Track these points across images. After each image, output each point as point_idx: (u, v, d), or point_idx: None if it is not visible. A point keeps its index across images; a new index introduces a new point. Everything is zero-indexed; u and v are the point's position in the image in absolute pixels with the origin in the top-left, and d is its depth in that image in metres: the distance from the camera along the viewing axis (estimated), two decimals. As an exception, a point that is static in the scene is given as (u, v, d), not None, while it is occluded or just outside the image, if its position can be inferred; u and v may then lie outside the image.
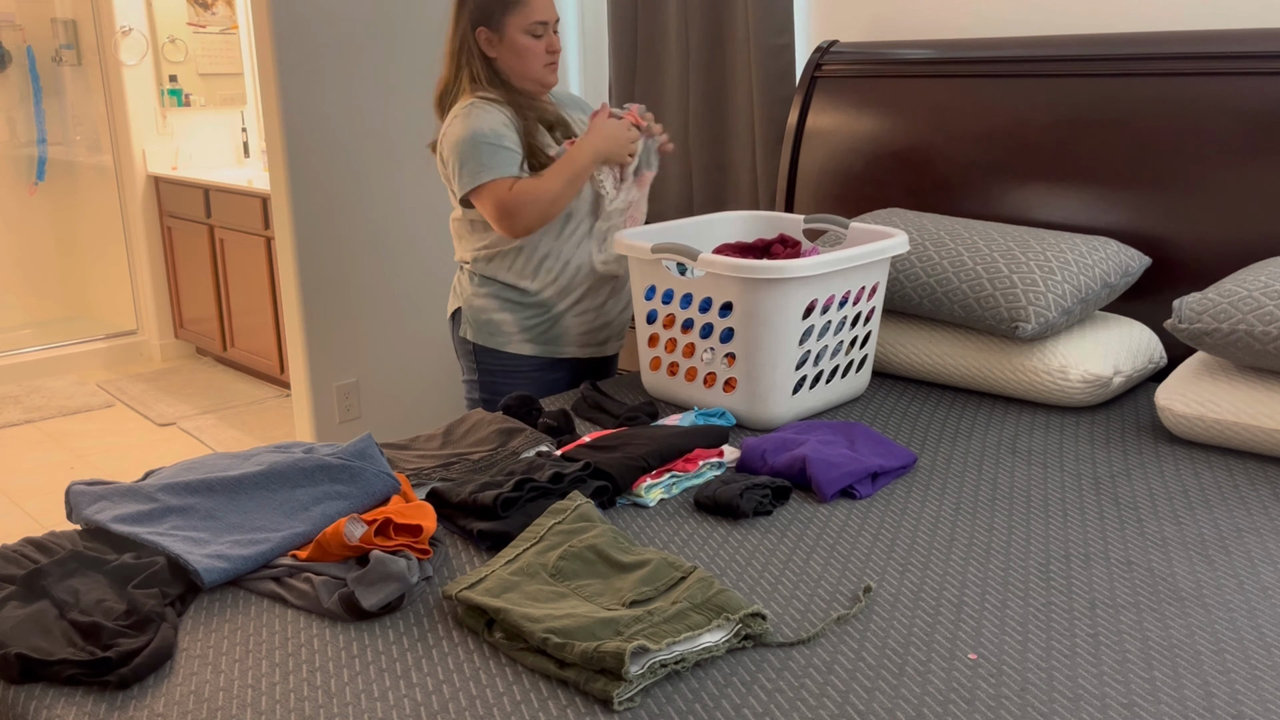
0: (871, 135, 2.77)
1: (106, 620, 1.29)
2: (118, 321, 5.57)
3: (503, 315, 2.36)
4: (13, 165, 5.48)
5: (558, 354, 2.40)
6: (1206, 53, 2.24)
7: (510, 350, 2.37)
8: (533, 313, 2.36)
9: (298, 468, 1.62)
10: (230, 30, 5.33)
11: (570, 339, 2.40)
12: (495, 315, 2.37)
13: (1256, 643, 1.28)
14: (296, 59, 3.19)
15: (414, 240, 3.54)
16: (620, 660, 1.16)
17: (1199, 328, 1.89)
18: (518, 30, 2.25)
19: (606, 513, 1.68)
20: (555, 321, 2.37)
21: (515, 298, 2.35)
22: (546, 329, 2.37)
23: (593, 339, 2.43)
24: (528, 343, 2.37)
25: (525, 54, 2.27)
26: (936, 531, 1.59)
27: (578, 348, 2.41)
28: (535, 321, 2.36)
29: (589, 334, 2.41)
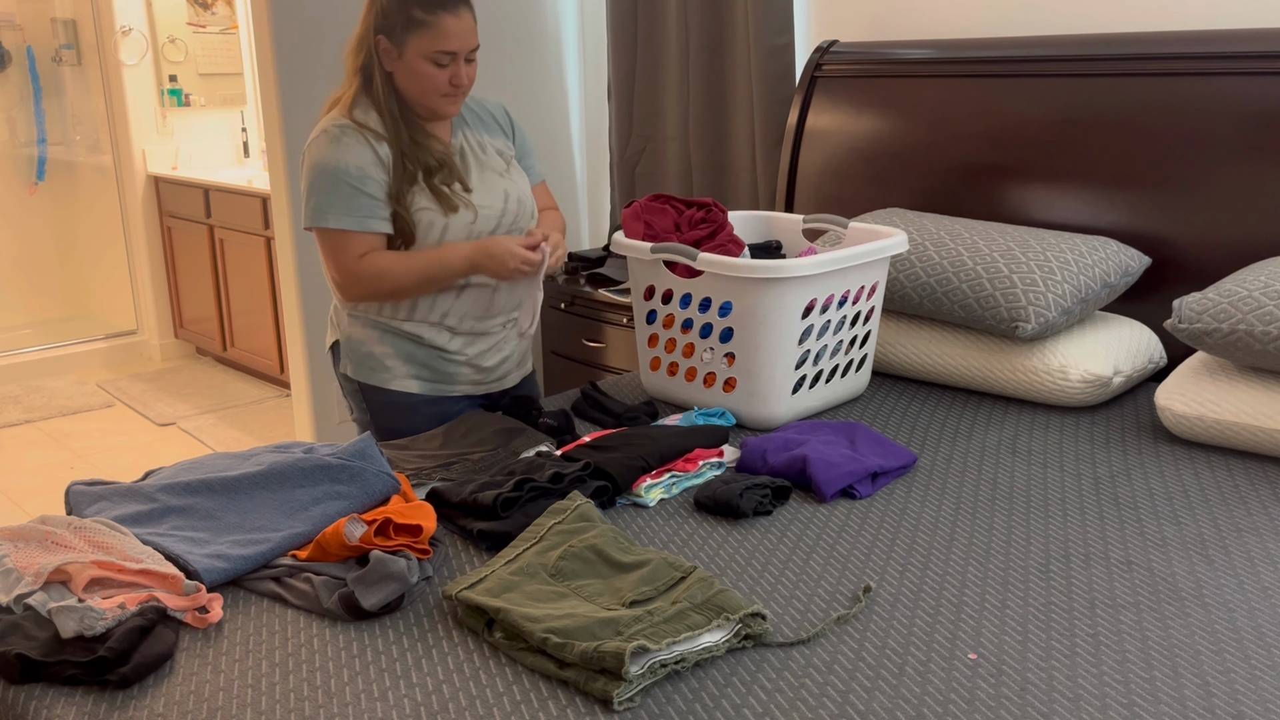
0: (871, 135, 2.77)
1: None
2: (118, 321, 5.56)
3: (383, 348, 2.08)
4: (13, 165, 5.48)
5: (448, 392, 2.12)
6: (1206, 53, 2.23)
7: (394, 387, 2.09)
8: (416, 347, 2.08)
9: (298, 468, 1.62)
10: (230, 30, 5.32)
11: (461, 377, 2.12)
12: (375, 348, 2.09)
13: (1256, 643, 1.28)
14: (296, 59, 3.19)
15: (414, 240, 3.54)
16: (620, 660, 1.16)
17: (1199, 328, 1.89)
18: (418, 54, 1.95)
19: (606, 513, 1.68)
20: (442, 359, 2.10)
21: (397, 331, 2.08)
22: (434, 365, 2.10)
23: (486, 376, 2.16)
24: (413, 378, 2.10)
25: (422, 81, 1.97)
26: (936, 531, 1.59)
27: (470, 385, 2.14)
28: (420, 354, 2.09)
29: (483, 372, 2.15)
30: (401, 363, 2.09)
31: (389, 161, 1.98)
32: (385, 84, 2.01)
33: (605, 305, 3.03)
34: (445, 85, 1.99)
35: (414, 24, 1.94)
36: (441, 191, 2.01)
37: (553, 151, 3.69)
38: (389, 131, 1.99)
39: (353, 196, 1.95)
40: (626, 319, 2.97)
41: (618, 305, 2.99)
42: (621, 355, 3.02)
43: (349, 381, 2.14)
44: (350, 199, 1.95)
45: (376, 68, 2.00)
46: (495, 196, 2.08)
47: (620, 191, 3.55)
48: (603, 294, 3.04)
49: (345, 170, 1.95)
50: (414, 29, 1.95)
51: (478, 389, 2.16)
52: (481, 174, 2.09)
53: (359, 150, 1.96)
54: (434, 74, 1.97)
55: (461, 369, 2.12)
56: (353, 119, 1.99)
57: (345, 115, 2.00)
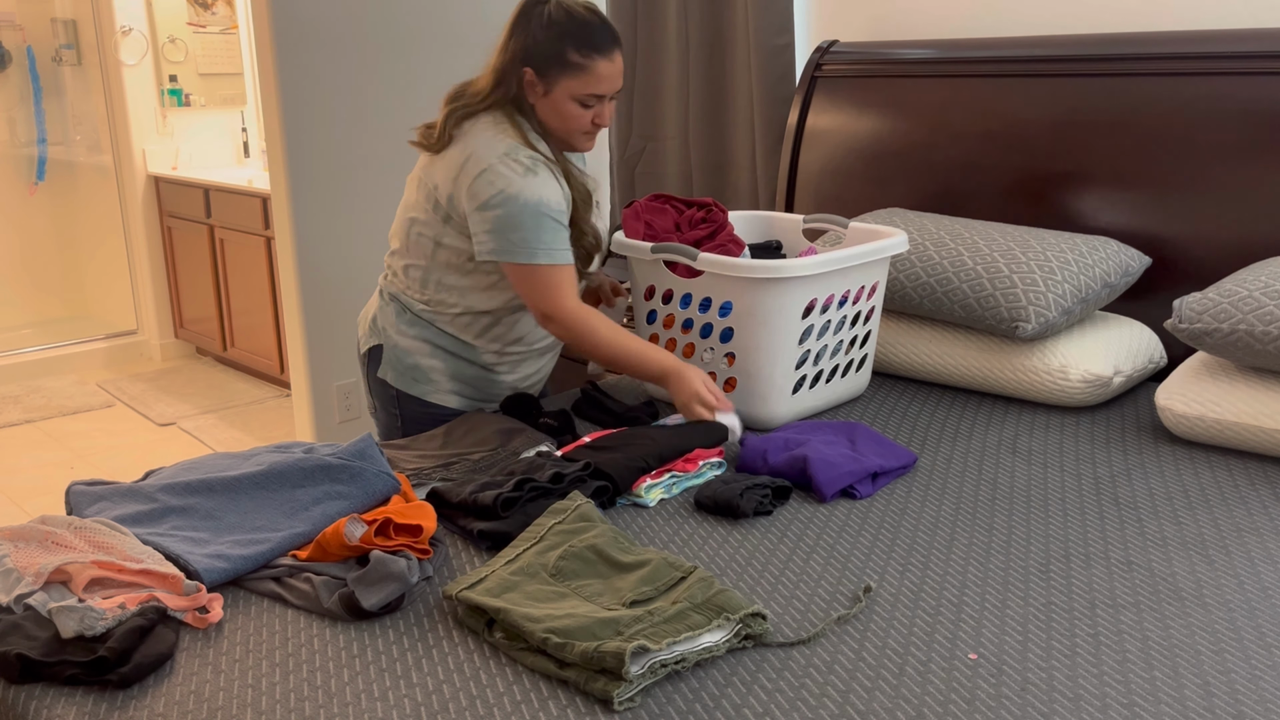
0: (871, 135, 2.77)
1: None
2: (118, 321, 5.56)
3: (432, 362, 2.08)
4: (13, 165, 5.48)
5: (483, 407, 2.14)
6: (1206, 53, 2.24)
7: (434, 400, 2.09)
8: (466, 366, 2.09)
9: (298, 468, 1.62)
10: (230, 30, 5.33)
11: (501, 394, 2.14)
12: (423, 361, 2.08)
13: (1256, 642, 1.28)
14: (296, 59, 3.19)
15: (414, 240, 3.54)
16: (620, 660, 1.16)
17: (1199, 328, 1.89)
18: (567, 95, 1.93)
19: (606, 513, 1.68)
20: (490, 378, 2.12)
21: (450, 346, 2.08)
22: (479, 384, 2.12)
23: (521, 386, 2.19)
24: (454, 394, 2.10)
25: (568, 120, 1.95)
26: (936, 531, 1.59)
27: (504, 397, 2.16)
28: (469, 374, 2.10)
29: (521, 389, 2.17)
30: (448, 379, 2.09)
31: (569, 195, 1.97)
32: (532, 113, 1.98)
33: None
34: (588, 124, 1.97)
35: (568, 66, 1.91)
36: (587, 226, 2.01)
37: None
38: (560, 164, 1.98)
39: (558, 232, 1.92)
40: (627, 319, 2.97)
41: (618, 305, 2.99)
42: (621, 355, 3.02)
43: (384, 387, 2.12)
44: (557, 234, 1.92)
45: (524, 98, 1.97)
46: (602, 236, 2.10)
47: (620, 191, 3.55)
48: (603, 294, 3.04)
49: (549, 204, 1.90)
50: (568, 71, 1.91)
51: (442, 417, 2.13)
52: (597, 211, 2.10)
53: (552, 185, 1.92)
54: (580, 115, 1.95)
55: (504, 389, 2.14)
56: (537, 150, 1.95)
57: (524, 143, 1.93)
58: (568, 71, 1.91)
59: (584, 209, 2.00)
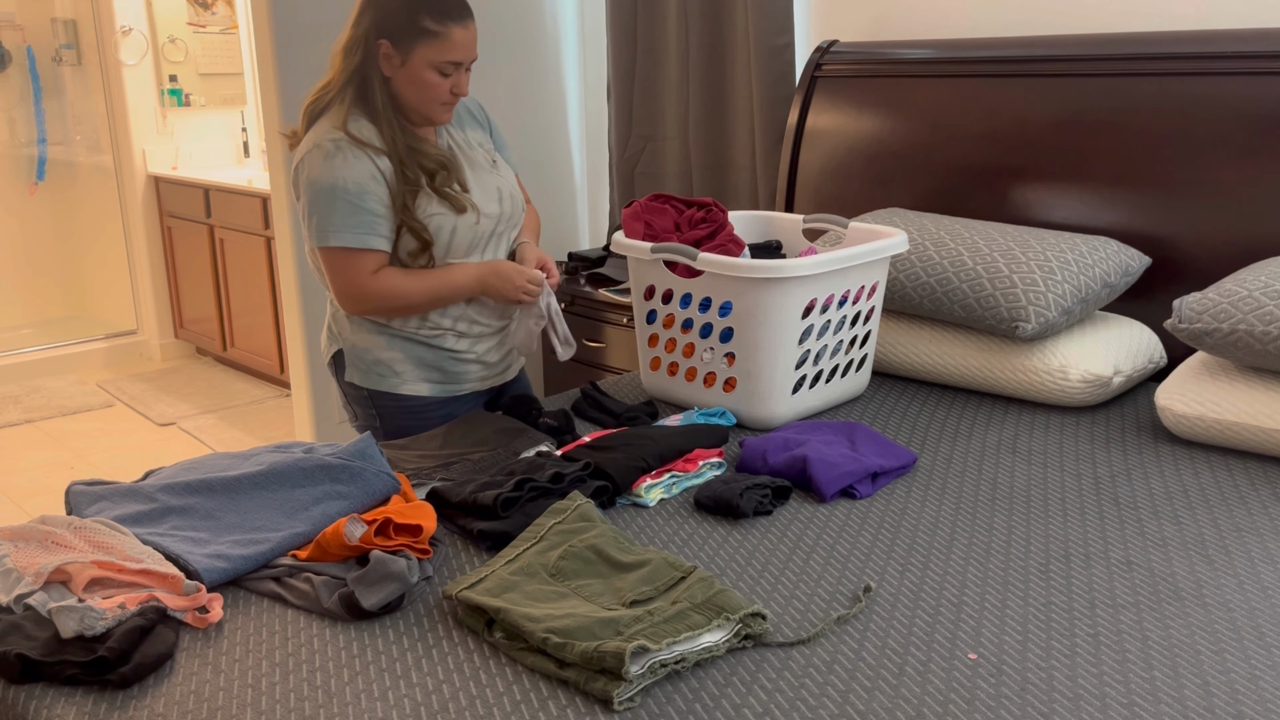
0: (871, 135, 2.77)
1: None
2: (118, 321, 5.56)
3: (391, 353, 2.07)
4: (13, 165, 5.48)
5: (459, 391, 2.13)
6: (1206, 53, 2.23)
7: (405, 391, 2.09)
8: (426, 350, 2.08)
9: (298, 468, 1.62)
10: (230, 30, 5.32)
11: (471, 375, 2.14)
12: (383, 354, 2.08)
13: (1256, 643, 1.28)
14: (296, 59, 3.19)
15: (414, 240, 3.54)
16: (620, 660, 1.16)
17: (1199, 328, 1.89)
18: (425, 63, 1.94)
19: (606, 513, 1.68)
20: (453, 360, 2.10)
21: (407, 335, 2.07)
22: (445, 367, 2.10)
23: (494, 370, 2.18)
24: (424, 382, 2.10)
25: (426, 90, 1.96)
26: (936, 531, 1.59)
27: (479, 381, 2.16)
28: (430, 357, 2.09)
29: (490, 366, 2.16)
30: (412, 367, 2.09)
31: (388, 174, 1.95)
32: (383, 89, 1.98)
33: (605, 305, 3.03)
34: (446, 94, 1.98)
35: (424, 33, 1.93)
36: (446, 193, 2.00)
37: (552, 151, 3.69)
38: (386, 142, 1.97)
39: (352, 213, 1.93)
40: (626, 319, 2.97)
41: (618, 305, 2.99)
42: (621, 355, 3.02)
43: (355, 389, 2.12)
44: (350, 215, 1.93)
45: (373, 72, 1.97)
46: (490, 195, 2.08)
47: (620, 191, 3.55)
48: (603, 294, 3.04)
49: (344, 187, 1.92)
50: (423, 38, 1.93)
51: (484, 384, 2.17)
52: (474, 173, 2.08)
53: (356, 165, 1.93)
54: (438, 83, 1.96)
55: (470, 367, 2.13)
56: (347, 132, 1.95)
57: (339, 128, 1.96)
58: (424, 39, 1.93)
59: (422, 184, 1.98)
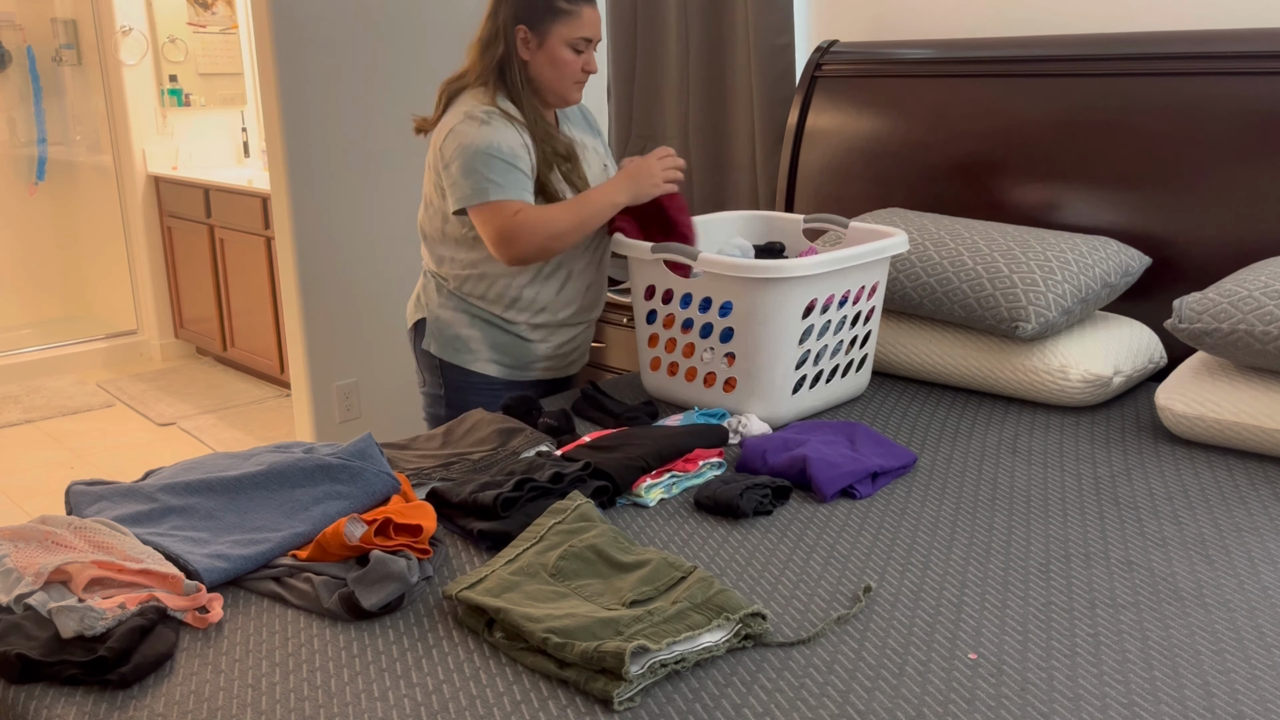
0: (871, 135, 2.77)
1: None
2: (118, 321, 5.56)
3: (471, 331, 2.24)
4: (13, 165, 5.48)
5: (523, 377, 2.29)
6: (1206, 53, 2.23)
7: (475, 369, 2.25)
8: (502, 334, 2.24)
9: (298, 468, 1.62)
10: (230, 30, 5.33)
11: (538, 364, 2.29)
12: (463, 331, 2.24)
13: (1256, 643, 1.28)
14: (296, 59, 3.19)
15: (414, 240, 3.54)
16: (620, 660, 1.16)
17: (1199, 328, 1.89)
18: (561, 41, 2.11)
19: (606, 513, 1.68)
20: (526, 348, 2.26)
21: (488, 317, 2.23)
22: (516, 353, 2.26)
23: (560, 363, 2.33)
24: (493, 363, 2.26)
25: (561, 67, 2.13)
26: (936, 531, 1.59)
27: (543, 371, 2.31)
28: (505, 342, 2.25)
29: (557, 359, 2.31)
30: (487, 348, 2.25)
31: (531, 148, 2.11)
32: (521, 73, 2.14)
33: (605, 305, 3.03)
34: (579, 71, 2.15)
35: (558, 13, 2.10)
36: (574, 182, 2.18)
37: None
38: (529, 119, 2.13)
39: (506, 172, 2.06)
40: (626, 319, 2.97)
41: (618, 305, 2.99)
42: (621, 355, 3.02)
43: (429, 358, 2.29)
44: (505, 174, 2.06)
45: (513, 58, 2.13)
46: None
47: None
48: (603, 294, 3.04)
49: (495, 147, 2.06)
50: (559, 17, 2.10)
51: (549, 374, 2.33)
52: (588, 172, 2.26)
53: (508, 132, 2.08)
54: (571, 60, 2.13)
55: (540, 357, 2.28)
56: (498, 105, 2.11)
57: (489, 102, 2.11)
58: (559, 18, 2.11)
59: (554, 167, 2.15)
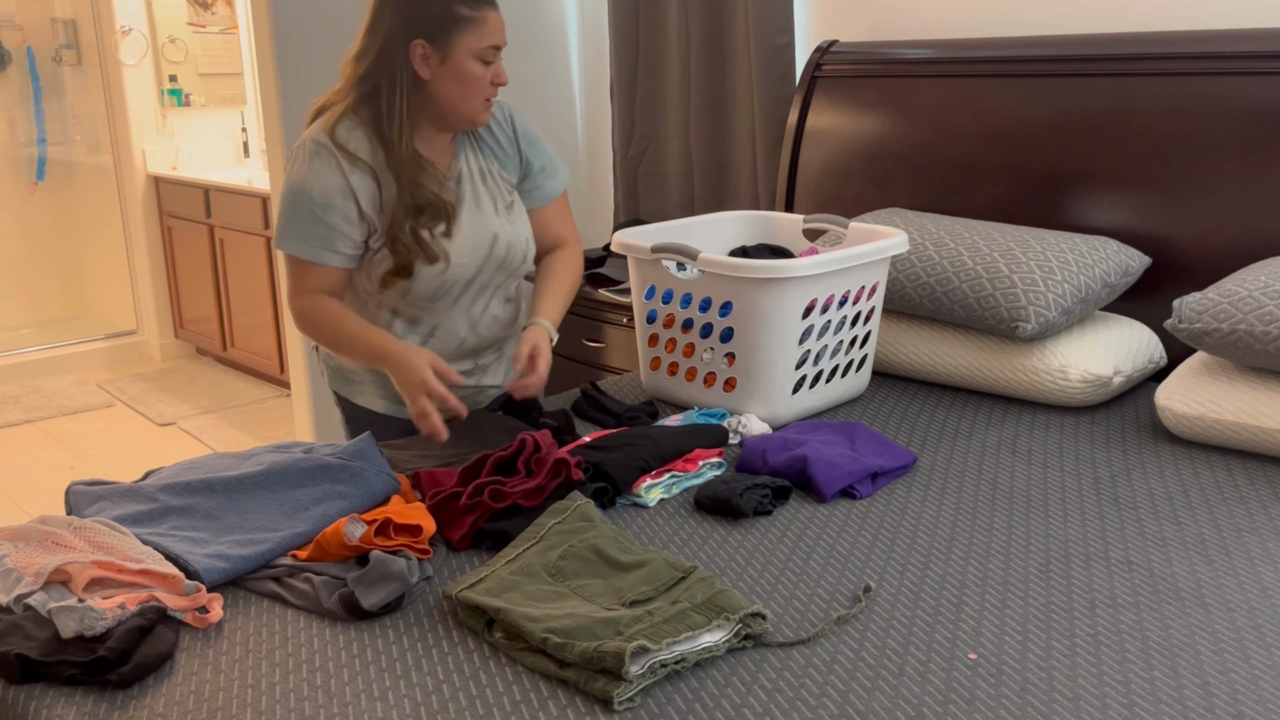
0: (871, 135, 2.77)
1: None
2: (118, 321, 5.56)
3: (353, 363, 2.00)
4: (13, 165, 5.48)
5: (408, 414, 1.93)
6: (1207, 53, 2.23)
7: (361, 402, 2.05)
8: None
9: (298, 468, 1.62)
10: (230, 30, 5.33)
11: None
12: (345, 361, 2.00)
13: (1256, 643, 1.28)
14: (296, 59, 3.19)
15: (414, 240, 3.54)
16: (620, 660, 1.16)
17: (1199, 328, 1.89)
18: (467, 54, 1.84)
19: (606, 513, 1.68)
20: None
21: None
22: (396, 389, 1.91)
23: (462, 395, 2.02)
24: (379, 398, 2.03)
25: (469, 83, 1.86)
26: (936, 531, 1.59)
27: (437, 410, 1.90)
28: (384, 376, 1.98)
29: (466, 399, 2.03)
30: (369, 379, 2.04)
31: (365, 193, 1.86)
32: (406, 99, 1.86)
33: (605, 305, 3.03)
34: (488, 87, 1.88)
35: (462, 21, 1.83)
36: (420, 237, 1.87)
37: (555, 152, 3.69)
38: (382, 162, 1.87)
39: (310, 224, 1.85)
40: (626, 319, 2.97)
41: (618, 305, 2.99)
42: (621, 355, 3.02)
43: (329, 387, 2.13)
44: (308, 225, 1.85)
45: (398, 80, 1.86)
46: (480, 242, 1.94)
47: (623, 191, 3.55)
48: (603, 294, 3.04)
49: (309, 195, 1.84)
50: (462, 26, 1.83)
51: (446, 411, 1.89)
52: (475, 211, 1.95)
53: (327, 175, 1.84)
54: (480, 74, 1.86)
55: None
56: (333, 138, 1.86)
57: (327, 132, 1.87)
58: (462, 27, 1.83)
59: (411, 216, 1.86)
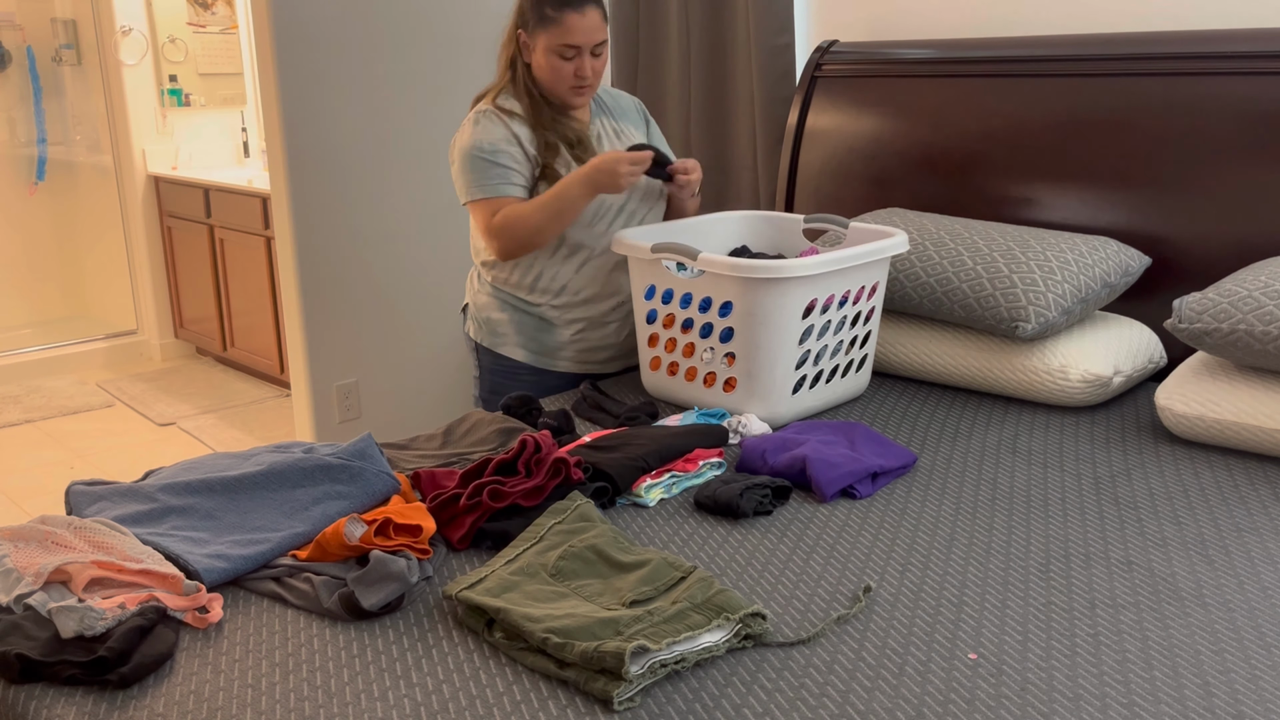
0: (871, 135, 2.77)
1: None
2: (118, 321, 5.56)
3: (501, 315, 2.33)
4: (13, 165, 5.48)
5: (551, 366, 2.34)
6: (1207, 53, 2.23)
7: (505, 353, 2.34)
8: (530, 320, 2.31)
9: (298, 468, 1.62)
10: (230, 30, 5.33)
11: (565, 354, 2.34)
12: (495, 315, 2.34)
13: (1256, 643, 1.28)
14: (296, 59, 3.19)
15: (413, 240, 3.54)
16: (620, 660, 1.16)
17: (1199, 328, 1.89)
18: (547, 48, 2.17)
19: (606, 513, 1.68)
20: (551, 333, 2.32)
21: (515, 302, 2.32)
22: (542, 338, 2.32)
23: (590, 358, 2.36)
24: (522, 348, 2.33)
25: (552, 74, 2.19)
26: (936, 531, 1.59)
27: (572, 363, 2.35)
28: (530, 325, 2.32)
29: (585, 352, 2.35)
30: (515, 332, 2.33)
31: (525, 137, 2.20)
32: (526, 74, 2.24)
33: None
34: (572, 77, 2.19)
35: (544, 20, 2.16)
36: (581, 160, 2.21)
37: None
38: (528, 113, 2.22)
39: (486, 169, 2.17)
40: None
41: (618, 305, 2.99)
42: (621, 355, 3.02)
43: (470, 340, 2.41)
44: (484, 171, 2.17)
45: (518, 58, 2.23)
46: None
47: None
48: (603, 294, 3.03)
49: (479, 146, 2.17)
50: (544, 24, 2.16)
51: (579, 367, 2.36)
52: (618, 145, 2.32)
53: (492, 128, 2.18)
54: (561, 66, 2.17)
55: (565, 345, 2.33)
56: (495, 105, 2.22)
57: (489, 103, 2.23)
58: (544, 25, 2.16)
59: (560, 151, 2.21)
